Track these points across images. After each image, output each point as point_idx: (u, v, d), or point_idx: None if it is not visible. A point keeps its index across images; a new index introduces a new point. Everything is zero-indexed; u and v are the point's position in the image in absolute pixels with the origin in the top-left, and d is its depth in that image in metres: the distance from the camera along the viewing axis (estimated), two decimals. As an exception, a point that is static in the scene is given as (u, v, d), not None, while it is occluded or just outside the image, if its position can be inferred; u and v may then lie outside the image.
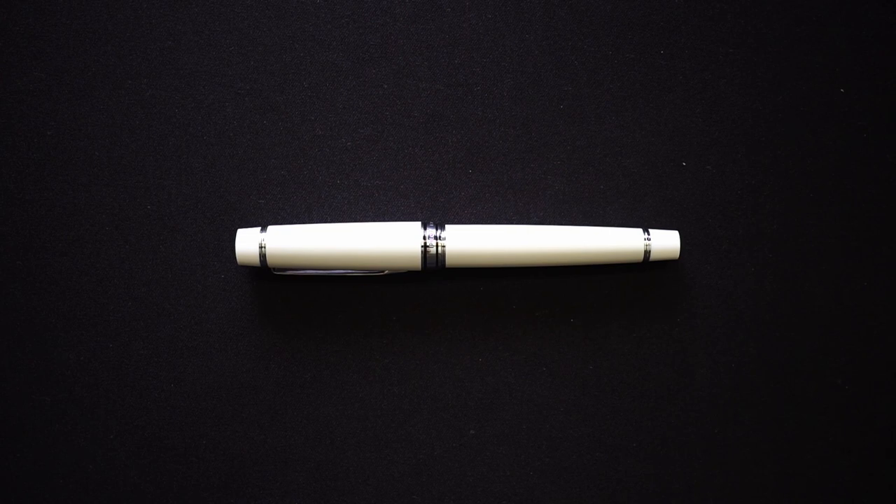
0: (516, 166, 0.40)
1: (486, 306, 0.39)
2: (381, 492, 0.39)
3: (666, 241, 0.38)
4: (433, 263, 0.38)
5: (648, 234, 0.38)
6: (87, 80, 0.40)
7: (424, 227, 0.38)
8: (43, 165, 0.40)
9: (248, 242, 0.37)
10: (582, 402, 0.39)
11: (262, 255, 0.37)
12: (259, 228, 0.38)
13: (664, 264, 0.40)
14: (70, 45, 0.40)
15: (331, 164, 0.40)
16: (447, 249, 0.37)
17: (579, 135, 0.40)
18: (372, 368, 0.39)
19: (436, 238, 0.37)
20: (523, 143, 0.40)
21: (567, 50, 0.40)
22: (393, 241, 0.37)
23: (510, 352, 0.39)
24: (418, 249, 0.37)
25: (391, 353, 0.39)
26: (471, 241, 0.38)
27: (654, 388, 0.39)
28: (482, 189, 0.40)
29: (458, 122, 0.40)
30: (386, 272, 0.38)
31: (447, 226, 0.38)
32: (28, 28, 0.40)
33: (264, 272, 0.39)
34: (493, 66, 0.40)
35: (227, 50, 0.40)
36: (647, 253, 0.38)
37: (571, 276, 0.40)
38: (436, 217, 0.40)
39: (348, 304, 0.39)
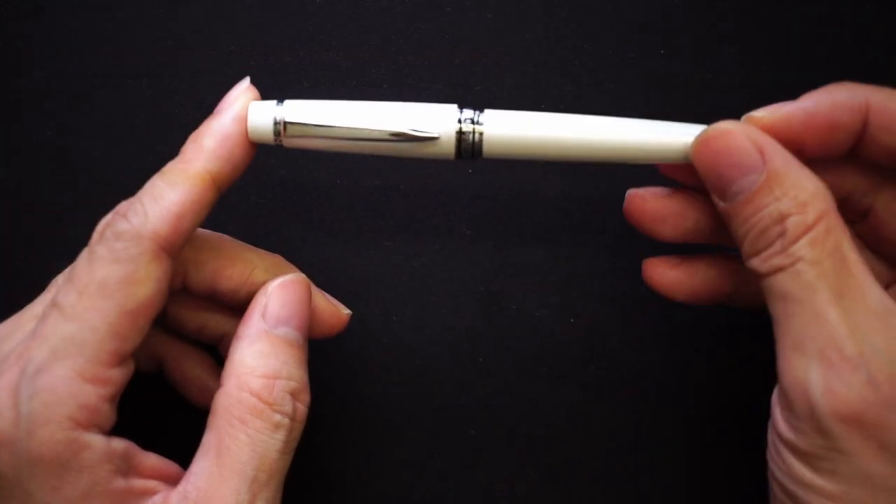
0: (517, 166, 0.40)
1: (487, 301, 0.39)
2: (381, 492, 0.39)
3: None
4: (468, 148, 0.32)
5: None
6: (87, 80, 0.40)
7: (461, 109, 0.33)
8: (43, 165, 0.40)
9: (262, 109, 0.32)
10: (582, 402, 0.39)
11: (277, 123, 0.32)
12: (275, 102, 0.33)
13: None
14: (70, 45, 0.40)
15: (330, 163, 0.40)
16: (486, 134, 0.32)
17: (579, 135, 0.40)
18: (372, 368, 0.39)
19: (473, 122, 0.32)
20: (523, 143, 0.40)
21: (567, 50, 0.40)
22: (427, 112, 0.32)
23: (510, 352, 0.39)
24: (453, 130, 0.32)
25: (391, 352, 0.39)
26: (511, 127, 0.33)
27: (654, 388, 0.39)
28: (483, 189, 0.40)
29: (458, 122, 0.40)
30: (413, 134, 0.32)
31: (486, 110, 0.33)
32: (28, 28, 0.40)
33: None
34: (493, 66, 0.40)
35: (227, 50, 0.40)
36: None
37: (572, 275, 0.40)
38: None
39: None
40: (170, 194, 0.30)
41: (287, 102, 0.32)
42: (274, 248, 0.38)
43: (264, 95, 0.40)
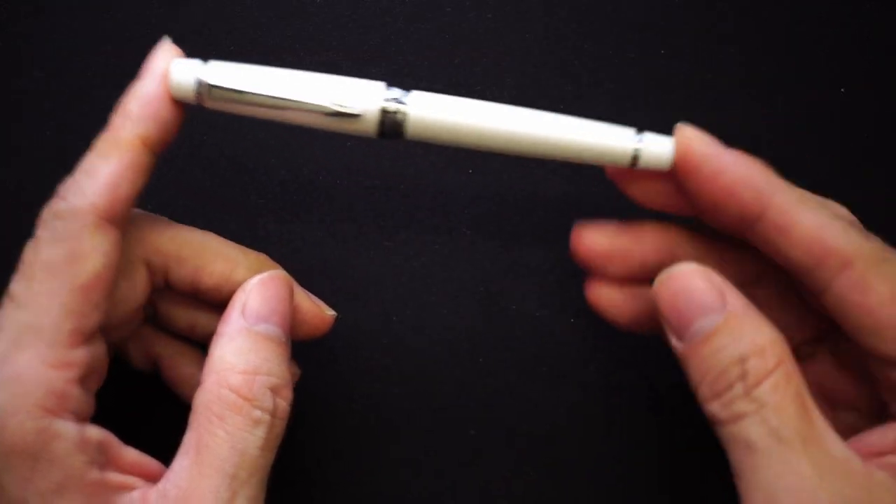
0: (517, 166, 0.40)
1: (487, 301, 0.39)
2: (381, 492, 0.39)
3: (658, 147, 0.31)
4: (391, 127, 0.31)
5: (641, 135, 0.32)
6: (87, 80, 0.40)
7: (389, 87, 0.31)
8: (43, 165, 0.40)
9: (185, 67, 0.31)
10: (582, 402, 0.39)
11: (200, 84, 0.31)
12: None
13: None
14: (70, 45, 0.40)
15: (330, 164, 0.40)
16: (409, 115, 0.31)
17: (579, 135, 0.40)
18: (372, 368, 0.39)
19: (398, 101, 0.31)
20: (523, 143, 0.40)
21: (567, 50, 0.40)
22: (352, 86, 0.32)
23: (510, 352, 0.39)
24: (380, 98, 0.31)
25: (391, 352, 0.39)
26: (436, 110, 0.31)
27: (655, 388, 0.39)
28: (483, 189, 0.40)
29: (458, 122, 0.40)
30: (337, 109, 0.31)
31: (414, 91, 0.32)
32: (28, 28, 0.40)
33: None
34: (493, 66, 0.40)
35: (227, 50, 0.40)
36: (635, 157, 0.31)
37: (572, 275, 0.40)
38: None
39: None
40: (102, 166, 0.30)
41: (212, 63, 0.31)
42: (274, 248, 0.38)
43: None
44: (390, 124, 0.31)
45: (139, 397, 0.38)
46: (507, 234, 0.40)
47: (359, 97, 0.31)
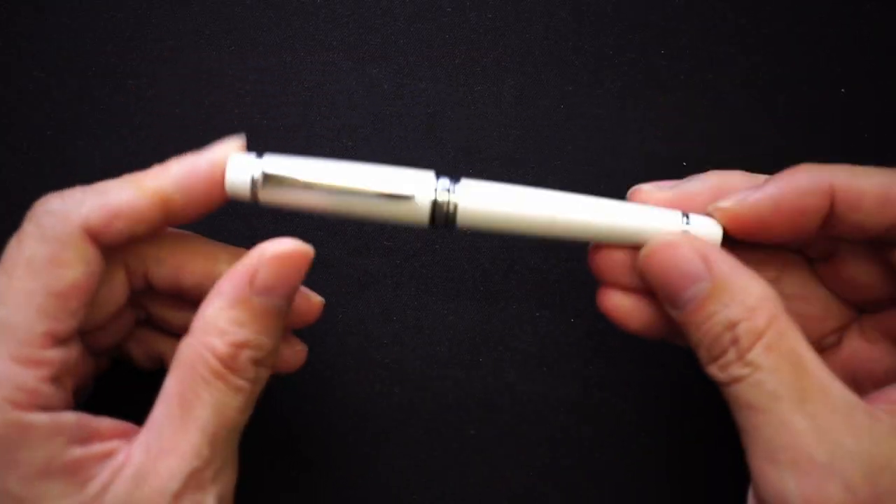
0: (517, 166, 0.40)
1: (487, 301, 0.39)
2: (381, 492, 0.39)
3: (707, 228, 0.32)
4: (442, 216, 0.31)
5: (688, 218, 0.32)
6: (87, 80, 0.40)
7: (438, 177, 0.32)
8: (43, 165, 0.40)
9: (242, 161, 0.31)
10: (582, 402, 0.39)
11: (255, 181, 0.31)
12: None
13: None
14: (70, 45, 0.40)
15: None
16: (460, 206, 0.31)
17: (579, 135, 0.40)
18: (372, 368, 0.39)
19: (448, 191, 0.31)
20: (523, 143, 0.40)
21: (567, 50, 0.40)
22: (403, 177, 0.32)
23: (510, 352, 0.39)
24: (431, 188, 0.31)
25: (391, 352, 0.39)
26: (488, 201, 0.32)
27: (655, 388, 0.39)
28: (482, 189, 0.40)
29: (458, 122, 0.40)
30: (388, 194, 0.31)
31: (463, 179, 0.32)
32: (28, 28, 0.40)
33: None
34: (493, 66, 0.40)
35: (227, 50, 0.40)
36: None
37: (572, 275, 0.40)
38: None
39: (348, 292, 0.39)
40: (114, 192, 0.30)
41: (267, 157, 0.31)
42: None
43: (263, 94, 0.40)
44: (441, 215, 0.31)
45: (137, 395, 0.38)
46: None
47: (409, 187, 0.31)
